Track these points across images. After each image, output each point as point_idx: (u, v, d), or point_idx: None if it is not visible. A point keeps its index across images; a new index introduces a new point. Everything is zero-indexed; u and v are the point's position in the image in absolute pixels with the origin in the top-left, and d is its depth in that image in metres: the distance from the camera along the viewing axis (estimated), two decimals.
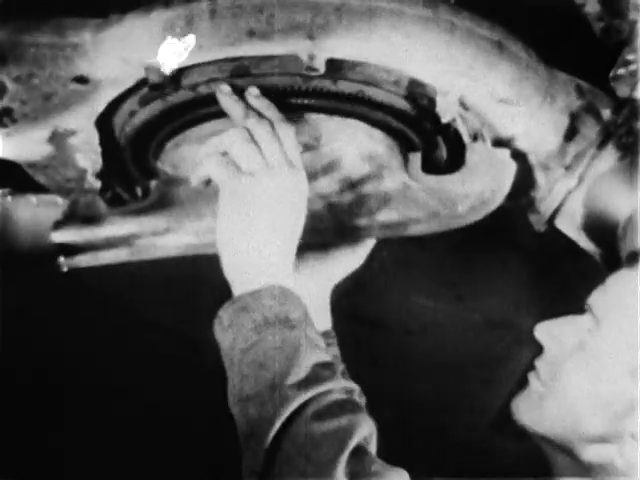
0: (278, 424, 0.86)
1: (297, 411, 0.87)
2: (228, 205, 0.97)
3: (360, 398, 1.09)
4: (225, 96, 1.03)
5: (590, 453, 1.02)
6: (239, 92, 1.04)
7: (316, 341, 0.94)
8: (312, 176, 1.10)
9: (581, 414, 1.02)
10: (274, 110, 1.03)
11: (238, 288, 0.96)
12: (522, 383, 1.12)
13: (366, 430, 0.88)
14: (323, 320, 1.26)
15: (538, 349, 1.10)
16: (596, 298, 1.07)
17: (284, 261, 0.98)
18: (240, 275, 0.96)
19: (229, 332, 0.93)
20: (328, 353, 0.97)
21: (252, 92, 1.04)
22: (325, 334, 1.24)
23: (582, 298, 1.11)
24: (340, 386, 0.92)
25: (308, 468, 0.84)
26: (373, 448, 0.90)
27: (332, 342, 1.26)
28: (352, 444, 0.85)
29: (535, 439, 1.09)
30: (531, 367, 1.10)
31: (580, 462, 1.04)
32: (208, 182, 1.02)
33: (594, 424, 1.02)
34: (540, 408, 1.06)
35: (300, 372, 0.90)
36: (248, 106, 1.02)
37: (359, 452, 0.86)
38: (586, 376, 1.03)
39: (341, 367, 1.25)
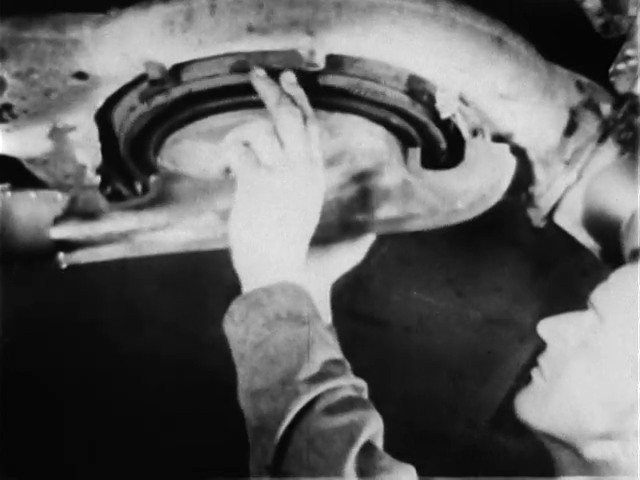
0: (289, 418, 0.87)
1: (308, 406, 0.88)
2: (244, 198, 0.97)
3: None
4: (260, 80, 1.01)
5: (593, 450, 1.02)
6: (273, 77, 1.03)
7: (326, 338, 0.95)
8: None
9: (585, 411, 1.02)
10: (307, 103, 1.01)
11: (249, 283, 0.96)
12: (522, 380, 1.11)
13: (375, 426, 0.89)
14: (323, 316, 1.26)
15: (540, 346, 1.10)
16: (599, 295, 1.07)
17: (296, 258, 0.98)
18: (251, 270, 0.97)
19: (240, 327, 0.94)
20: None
21: (287, 78, 1.02)
22: (327, 328, 1.24)
23: (581, 294, 1.11)
24: (350, 383, 0.93)
25: (319, 462, 0.85)
26: (380, 444, 0.91)
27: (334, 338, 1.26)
28: (362, 440, 0.86)
29: (538, 436, 1.09)
30: (534, 364, 1.10)
31: (583, 459, 1.03)
32: (228, 171, 1.02)
33: (597, 421, 1.02)
34: (543, 405, 1.05)
35: (311, 368, 0.90)
36: (282, 92, 1.00)
37: (368, 447, 0.87)
38: (590, 373, 1.02)
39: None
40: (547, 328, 1.08)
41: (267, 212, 0.96)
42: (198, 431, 2.28)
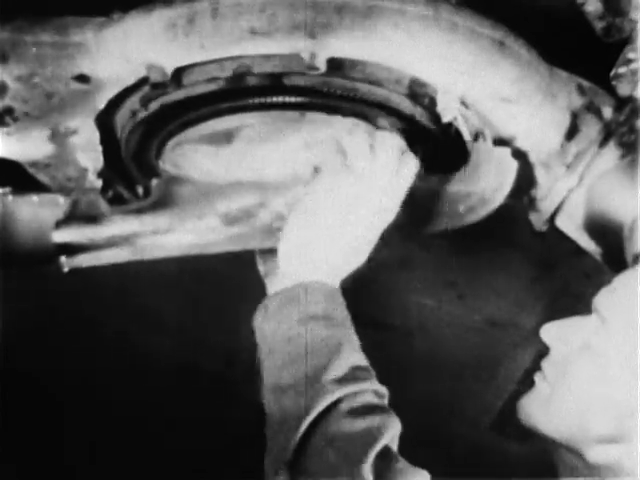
0: (313, 416, 0.89)
1: (331, 406, 0.90)
2: (320, 194, 1.01)
3: None
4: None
5: (596, 454, 1.02)
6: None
7: (355, 344, 0.97)
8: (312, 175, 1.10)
9: (588, 415, 1.02)
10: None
11: (287, 275, 0.99)
12: (524, 383, 1.11)
13: (394, 431, 0.91)
14: None
15: (542, 349, 1.10)
16: (602, 299, 1.06)
17: (344, 266, 1.01)
18: (295, 263, 1.00)
19: (272, 321, 0.96)
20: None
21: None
22: None
23: (583, 297, 1.10)
24: (374, 388, 0.95)
25: (338, 462, 0.86)
26: (395, 447, 0.92)
27: None
28: (382, 443, 0.88)
29: (541, 440, 1.09)
30: (537, 368, 1.09)
31: (586, 463, 1.03)
32: (316, 170, 1.05)
33: (601, 425, 1.01)
34: (547, 409, 1.05)
35: (339, 369, 0.92)
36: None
37: (385, 451, 0.89)
38: (593, 377, 1.02)
39: None
40: (550, 333, 1.07)
41: (336, 213, 0.99)
42: (199, 433, 2.28)
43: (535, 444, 1.11)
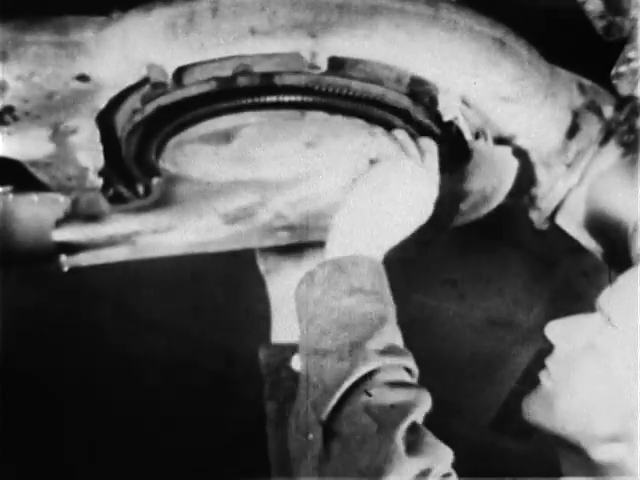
0: (354, 379, 0.91)
1: (371, 374, 0.93)
2: (381, 171, 1.05)
3: None
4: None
5: (600, 452, 1.02)
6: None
7: (396, 324, 1.00)
8: (314, 174, 1.10)
9: (593, 413, 1.02)
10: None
11: (337, 248, 1.01)
12: (524, 381, 1.11)
13: (426, 407, 0.94)
14: None
15: (544, 347, 1.10)
16: (606, 297, 1.06)
17: (389, 244, 1.04)
18: (348, 234, 1.02)
19: (319, 288, 0.98)
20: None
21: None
22: None
23: (583, 295, 1.11)
24: (409, 365, 0.97)
25: (372, 427, 0.89)
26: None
27: None
28: (415, 415, 0.91)
29: (545, 437, 1.09)
30: (541, 366, 1.09)
31: (590, 461, 1.03)
32: (372, 162, 1.08)
33: (605, 424, 1.01)
34: (552, 407, 1.05)
35: (381, 343, 0.95)
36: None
37: (414, 425, 0.91)
38: (599, 376, 1.02)
39: None
40: (555, 331, 1.07)
41: (395, 193, 1.04)
42: (199, 432, 2.28)
43: (535, 443, 1.11)
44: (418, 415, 0.92)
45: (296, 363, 1.21)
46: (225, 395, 2.17)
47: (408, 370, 0.98)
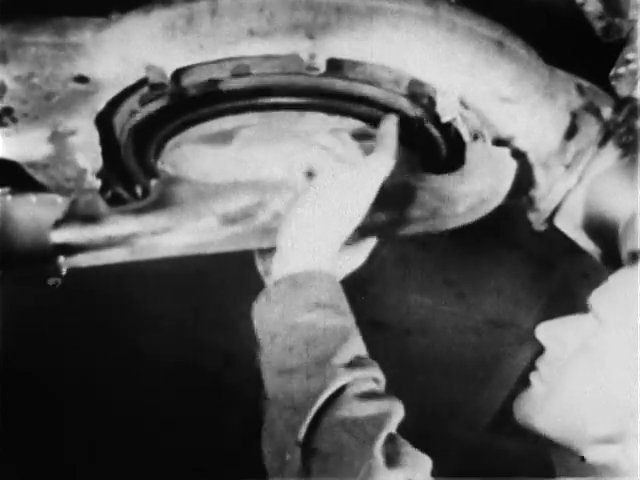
0: (326, 396, 0.91)
1: (341, 389, 0.92)
2: (320, 185, 1.03)
3: None
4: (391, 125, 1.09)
5: (594, 454, 1.02)
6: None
7: (359, 335, 0.99)
8: (312, 175, 1.10)
9: (586, 415, 1.02)
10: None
11: (288, 265, 1.00)
12: (522, 383, 1.11)
13: (400, 417, 0.93)
14: None
15: (539, 349, 1.09)
16: (598, 297, 1.06)
17: (334, 254, 1.04)
18: (294, 251, 1.01)
19: (277, 306, 0.98)
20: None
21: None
22: None
23: (582, 297, 1.10)
24: (376, 375, 0.97)
25: (350, 442, 0.89)
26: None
27: None
28: (391, 426, 0.90)
29: (538, 439, 1.09)
30: (533, 367, 1.09)
31: (583, 462, 1.03)
32: (310, 174, 1.08)
33: (599, 425, 1.01)
34: (543, 409, 1.05)
35: (346, 356, 0.94)
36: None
37: (391, 435, 0.91)
38: (591, 377, 1.02)
39: None
40: (546, 332, 1.07)
41: (333, 203, 1.02)
42: (198, 432, 2.28)
43: (533, 444, 1.11)
44: (393, 425, 0.91)
45: None
46: (225, 395, 2.17)
47: (375, 380, 0.97)
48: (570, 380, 1.03)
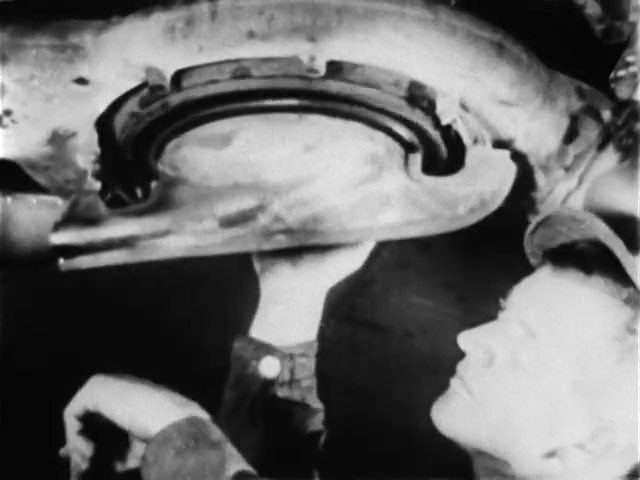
0: None
1: None
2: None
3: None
4: None
5: (529, 467, 0.99)
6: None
7: (238, 457, 0.98)
8: (312, 178, 1.10)
9: (520, 429, 0.99)
10: None
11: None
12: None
13: None
14: (309, 328, 1.26)
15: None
16: (514, 296, 1.06)
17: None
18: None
19: (155, 466, 0.98)
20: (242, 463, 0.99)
21: None
22: (306, 345, 1.24)
23: None
24: None
25: None
26: None
27: (310, 355, 1.25)
28: None
29: (462, 448, 1.05)
30: (452, 371, 1.07)
31: (512, 472, 1.01)
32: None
33: (536, 441, 0.98)
34: (470, 421, 1.02)
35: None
36: None
37: None
38: (526, 394, 0.99)
39: (309, 382, 1.25)
40: (466, 339, 1.05)
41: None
42: None
43: None
44: None
45: (265, 367, 1.21)
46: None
47: None
48: (501, 395, 1.01)
